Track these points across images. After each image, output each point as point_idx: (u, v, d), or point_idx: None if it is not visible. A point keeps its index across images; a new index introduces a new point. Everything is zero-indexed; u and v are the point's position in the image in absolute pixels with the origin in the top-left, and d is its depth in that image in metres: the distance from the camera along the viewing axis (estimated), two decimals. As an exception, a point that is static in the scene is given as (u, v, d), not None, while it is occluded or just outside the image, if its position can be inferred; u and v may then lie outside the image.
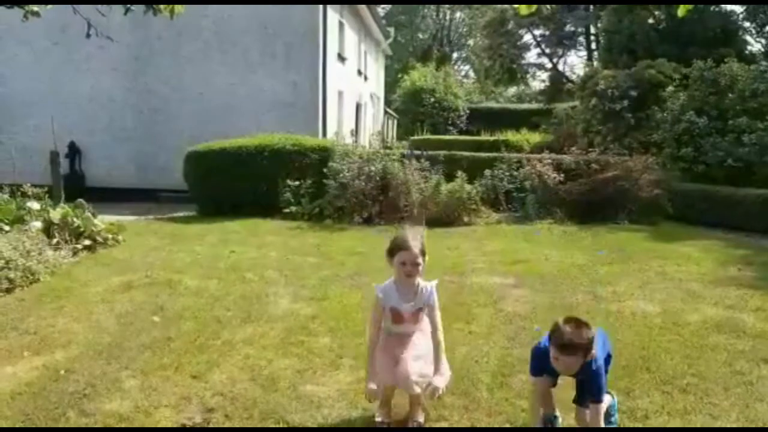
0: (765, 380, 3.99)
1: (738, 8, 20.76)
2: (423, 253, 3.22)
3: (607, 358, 3.25)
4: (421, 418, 3.41)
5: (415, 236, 3.25)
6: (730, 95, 12.58)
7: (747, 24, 21.35)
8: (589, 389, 3.05)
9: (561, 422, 3.38)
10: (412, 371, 3.19)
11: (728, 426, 3.43)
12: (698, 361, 4.29)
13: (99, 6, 5.34)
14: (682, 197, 11.12)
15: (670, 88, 14.24)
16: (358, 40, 20.66)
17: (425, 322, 3.36)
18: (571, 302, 5.70)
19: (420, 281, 3.30)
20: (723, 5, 19.60)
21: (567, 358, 2.93)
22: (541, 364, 3.12)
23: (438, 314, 3.32)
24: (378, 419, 3.42)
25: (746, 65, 13.20)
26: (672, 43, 17.49)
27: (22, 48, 14.25)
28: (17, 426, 3.37)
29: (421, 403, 3.42)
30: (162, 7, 5.09)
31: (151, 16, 5.37)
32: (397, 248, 3.23)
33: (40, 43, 14.51)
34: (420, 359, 3.25)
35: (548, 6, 28.02)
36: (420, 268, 3.21)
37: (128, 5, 5.25)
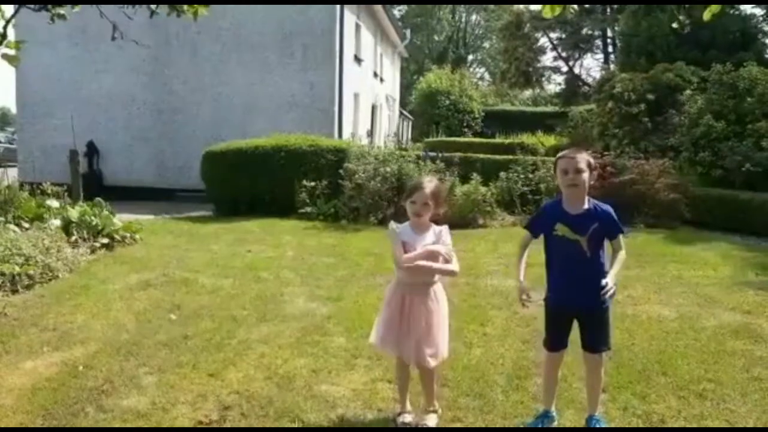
0: (783, 387, 3.95)
1: (759, 11, 20.58)
2: (435, 198, 3.35)
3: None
4: (434, 419, 3.41)
5: (431, 180, 3.42)
6: (749, 99, 12.42)
7: (767, 28, 21.14)
8: (610, 227, 3.26)
9: (556, 421, 3.40)
10: (419, 353, 3.31)
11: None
12: (715, 366, 4.26)
13: (125, 8, 5.35)
14: (699, 202, 11.02)
15: (688, 92, 14.12)
16: (375, 42, 20.69)
17: (438, 289, 3.45)
18: (586, 306, 5.66)
19: (433, 225, 3.46)
20: (743, 6, 19.43)
21: (576, 175, 3.13)
22: (546, 213, 3.40)
23: (453, 252, 3.48)
24: (400, 419, 3.42)
25: (765, 69, 13.06)
26: (691, 46, 17.36)
27: (43, 49, 14.37)
28: (37, 420, 3.42)
29: (434, 390, 3.48)
30: (185, 7, 5.11)
31: (170, 17, 5.40)
32: (411, 189, 3.41)
33: (61, 44, 14.71)
34: (426, 338, 3.34)
35: (573, 8, 27.82)
36: (429, 209, 3.35)
37: (153, 7, 5.28)
